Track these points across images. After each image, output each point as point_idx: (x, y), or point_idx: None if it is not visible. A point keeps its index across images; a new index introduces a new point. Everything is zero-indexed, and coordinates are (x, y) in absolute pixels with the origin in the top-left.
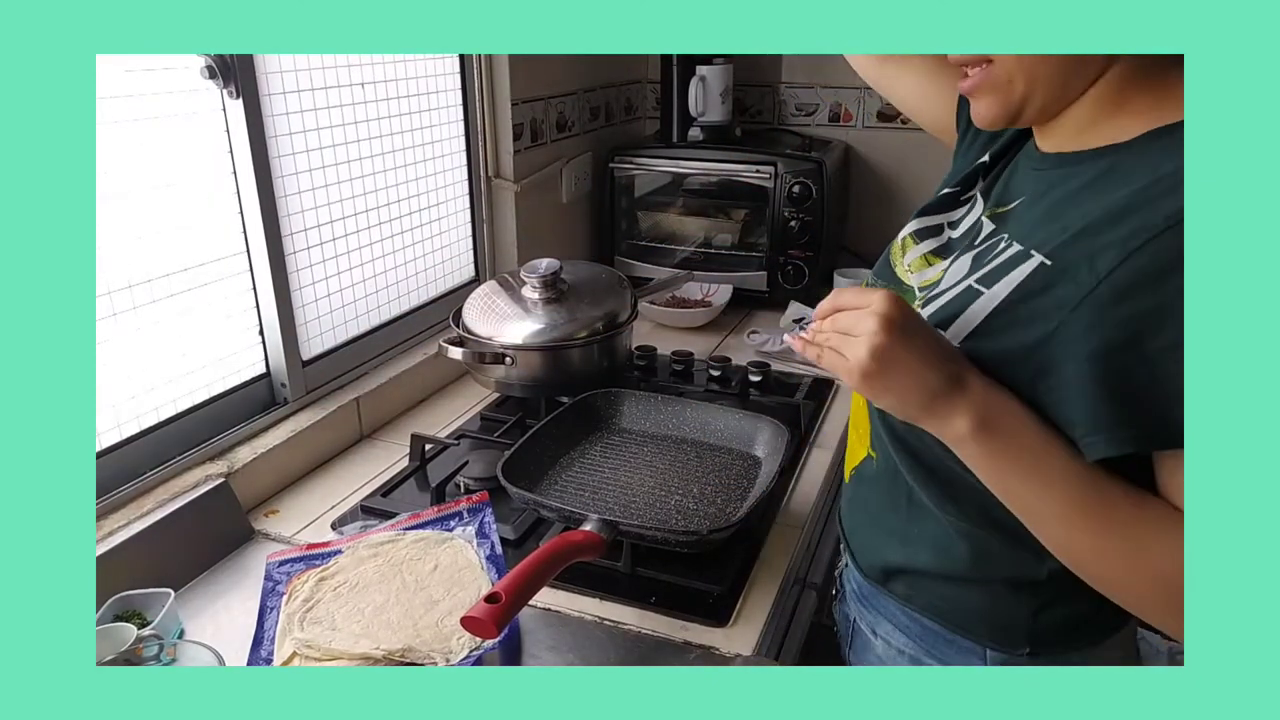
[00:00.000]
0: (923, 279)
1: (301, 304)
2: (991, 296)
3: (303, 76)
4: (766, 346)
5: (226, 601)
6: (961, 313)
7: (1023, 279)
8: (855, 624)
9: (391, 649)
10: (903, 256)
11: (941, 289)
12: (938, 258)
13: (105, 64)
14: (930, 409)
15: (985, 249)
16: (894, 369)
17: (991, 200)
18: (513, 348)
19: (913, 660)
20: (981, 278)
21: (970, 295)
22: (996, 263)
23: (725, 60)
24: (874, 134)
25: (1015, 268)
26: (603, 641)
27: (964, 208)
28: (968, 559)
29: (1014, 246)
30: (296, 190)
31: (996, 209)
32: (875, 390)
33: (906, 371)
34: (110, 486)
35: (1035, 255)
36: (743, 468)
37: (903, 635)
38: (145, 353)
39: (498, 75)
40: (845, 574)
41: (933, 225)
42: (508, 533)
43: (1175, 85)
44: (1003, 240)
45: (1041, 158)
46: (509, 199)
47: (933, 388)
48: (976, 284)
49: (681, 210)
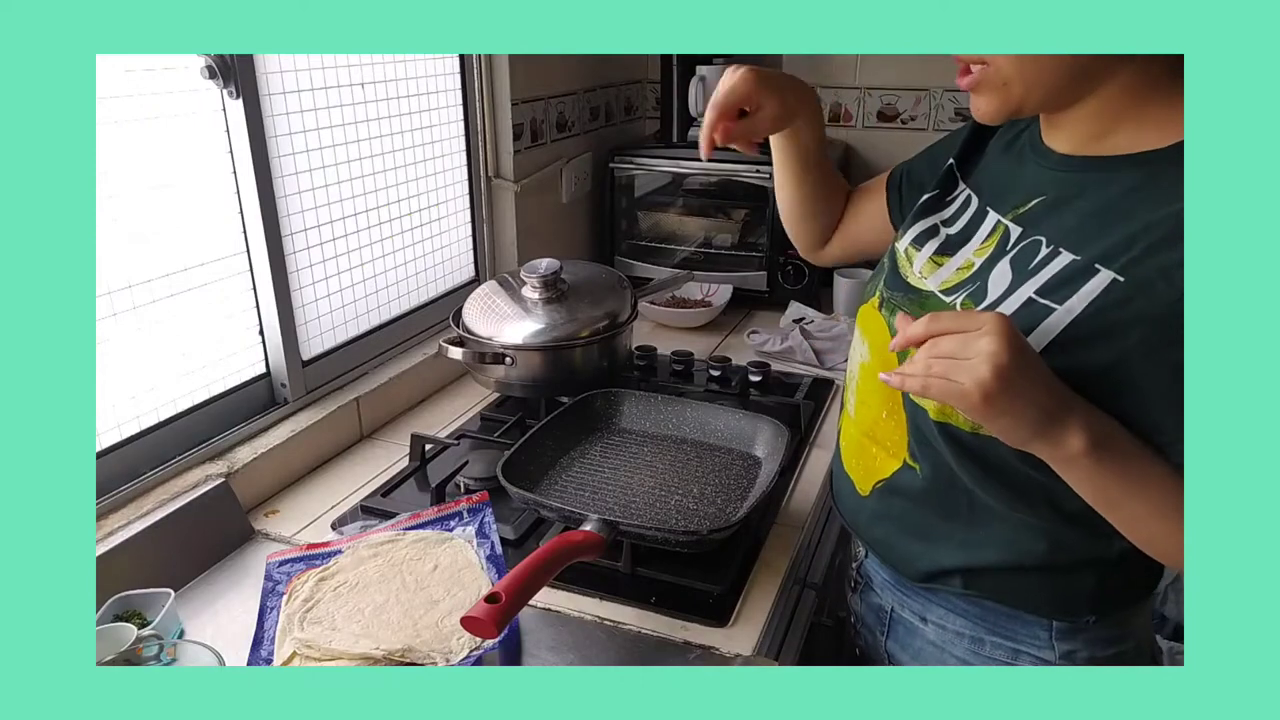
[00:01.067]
0: (940, 281)
1: (301, 304)
2: (1066, 311)
3: (303, 76)
4: (766, 346)
5: (226, 601)
6: (1033, 328)
7: (1097, 295)
8: (894, 613)
9: (391, 649)
10: (911, 265)
11: (991, 299)
12: (944, 256)
13: (105, 64)
14: (1045, 432)
15: (1023, 253)
16: (1014, 391)
17: (994, 198)
18: (513, 348)
19: (973, 640)
20: (1043, 290)
21: (1039, 310)
22: (1052, 272)
23: (725, 60)
24: (874, 134)
25: (1083, 281)
26: (603, 641)
27: (951, 206)
28: (1043, 551)
29: (1064, 254)
30: (296, 190)
31: (1017, 210)
32: (993, 413)
33: (1025, 394)
34: (110, 486)
35: (1104, 270)
36: (743, 468)
37: (960, 618)
38: (145, 353)
39: (498, 75)
40: (867, 566)
41: (928, 228)
42: (508, 533)
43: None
44: (1042, 245)
45: (1062, 159)
46: (509, 199)
47: (1049, 409)
48: (1040, 297)
49: (681, 210)
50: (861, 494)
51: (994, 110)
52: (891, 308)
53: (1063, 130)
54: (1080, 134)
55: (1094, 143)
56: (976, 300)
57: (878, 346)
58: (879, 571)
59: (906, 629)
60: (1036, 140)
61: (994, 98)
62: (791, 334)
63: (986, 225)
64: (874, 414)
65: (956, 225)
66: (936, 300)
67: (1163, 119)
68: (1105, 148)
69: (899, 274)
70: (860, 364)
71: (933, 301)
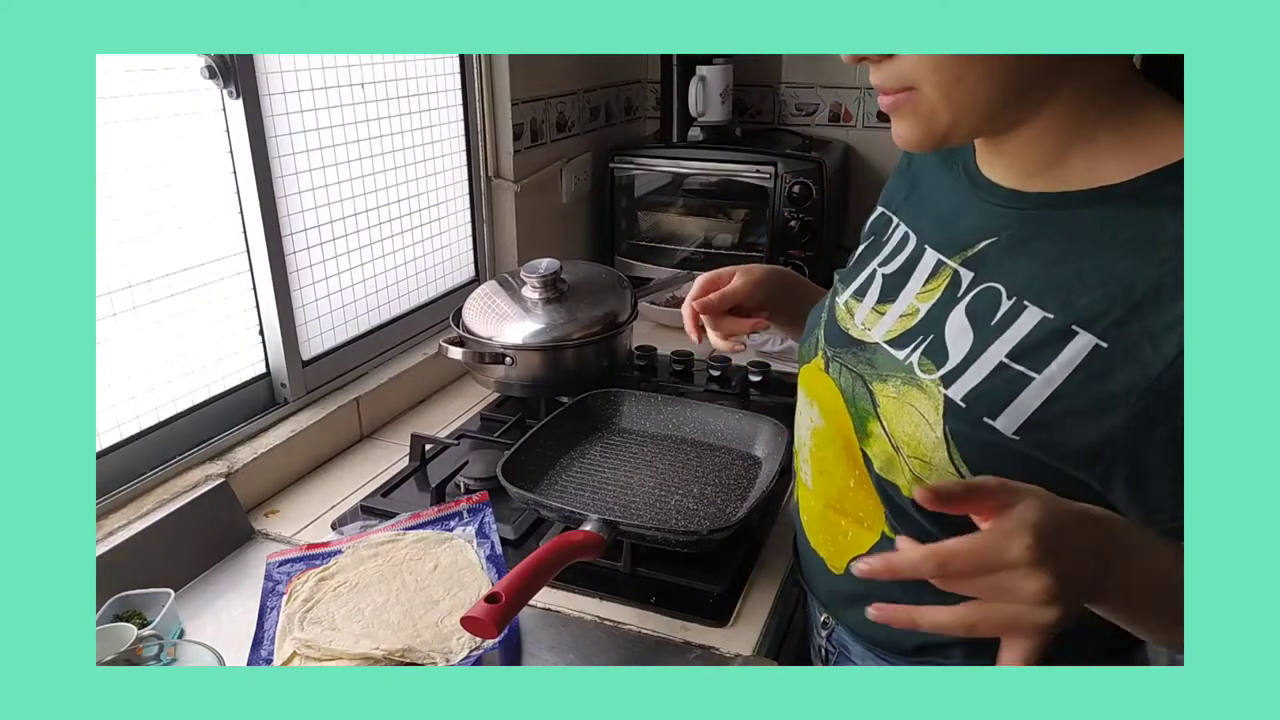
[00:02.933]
0: (885, 331)
1: (301, 304)
2: (1046, 382)
3: (303, 76)
4: (766, 346)
5: (226, 601)
6: (1012, 398)
7: (1079, 362)
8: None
9: (391, 649)
10: (852, 318)
11: (958, 361)
12: (886, 304)
13: (105, 64)
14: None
15: (980, 303)
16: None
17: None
18: (513, 348)
19: None
20: (1016, 353)
21: (1015, 379)
22: (1023, 332)
23: (725, 60)
24: (874, 134)
25: (1060, 345)
26: (603, 641)
27: (887, 247)
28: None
29: (1031, 309)
30: (296, 190)
31: (966, 251)
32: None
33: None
34: (110, 486)
35: (1083, 333)
36: (743, 468)
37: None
38: (145, 353)
39: (498, 75)
40: (840, 635)
41: (865, 277)
42: (508, 533)
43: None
44: (1002, 295)
45: (1012, 195)
46: (509, 199)
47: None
48: (1013, 362)
49: (681, 210)
50: (835, 572)
51: (917, 137)
52: (839, 366)
53: (1003, 158)
54: (1024, 164)
55: (1042, 175)
56: (937, 360)
57: (830, 410)
58: (857, 644)
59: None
60: (973, 170)
61: (917, 124)
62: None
63: (926, 264)
64: (838, 484)
65: (893, 265)
66: (884, 354)
67: (1118, 146)
68: (1058, 182)
69: (839, 327)
70: (812, 429)
71: (880, 356)
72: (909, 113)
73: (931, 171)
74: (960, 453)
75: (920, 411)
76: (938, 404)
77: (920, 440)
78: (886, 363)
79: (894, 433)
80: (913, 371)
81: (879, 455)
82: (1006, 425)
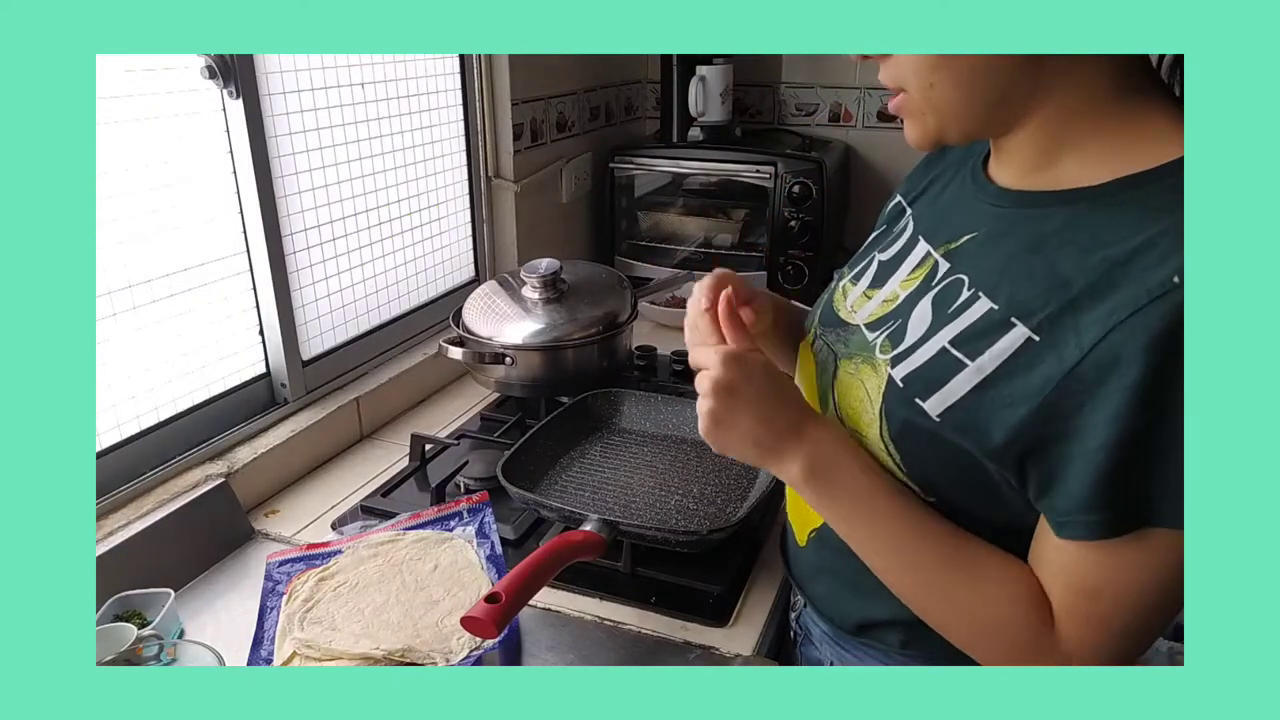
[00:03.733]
0: (868, 315)
1: (301, 304)
2: (977, 370)
3: (303, 76)
4: None
5: (226, 601)
6: (944, 382)
7: (1009, 354)
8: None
9: (391, 649)
10: (845, 300)
11: (910, 343)
12: (875, 289)
13: (105, 64)
14: (763, 460)
15: (945, 292)
16: (726, 428)
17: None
18: (513, 348)
19: None
20: (958, 340)
21: (949, 363)
22: (969, 321)
23: (725, 60)
24: (874, 134)
25: (997, 336)
26: (603, 641)
27: (892, 235)
28: None
29: (982, 300)
30: (296, 190)
31: (949, 244)
32: (714, 444)
33: (737, 430)
34: (110, 486)
35: (1019, 325)
36: (743, 468)
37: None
38: (145, 353)
39: (498, 75)
40: (805, 617)
41: (865, 263)
42: (508, 533)
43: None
44: (964, 285)
45: (999, 193)
46: (509, 199)
47: (764, 443)
48: (953, 348)
49: (681, 210)
50: (799, 544)
51: (915, 137)
52: (823, 344)
53: (1001, 158)
54: (1018, 165)
55: (1035, 174)
56: (895, 341)
57: (808, 385)
58: (818, 624)
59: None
60: (978, 168)
61: (914, 124)
62: None
63: (916, 254)
64: None
65: (890, 251)
66: (861, 335)
67: (1105, 151)
68: (1047, 181)
69: (832, 307)
70: None
71: (857, 337)
72: (907, 113)
73: (950, 169)
74: (890, 430)
75: (866, 389)
76: (881, 382)
77: (860, 415)
78: (859, 343)
79: (840, 405)
80: (873, 351)
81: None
82: (933, 407)
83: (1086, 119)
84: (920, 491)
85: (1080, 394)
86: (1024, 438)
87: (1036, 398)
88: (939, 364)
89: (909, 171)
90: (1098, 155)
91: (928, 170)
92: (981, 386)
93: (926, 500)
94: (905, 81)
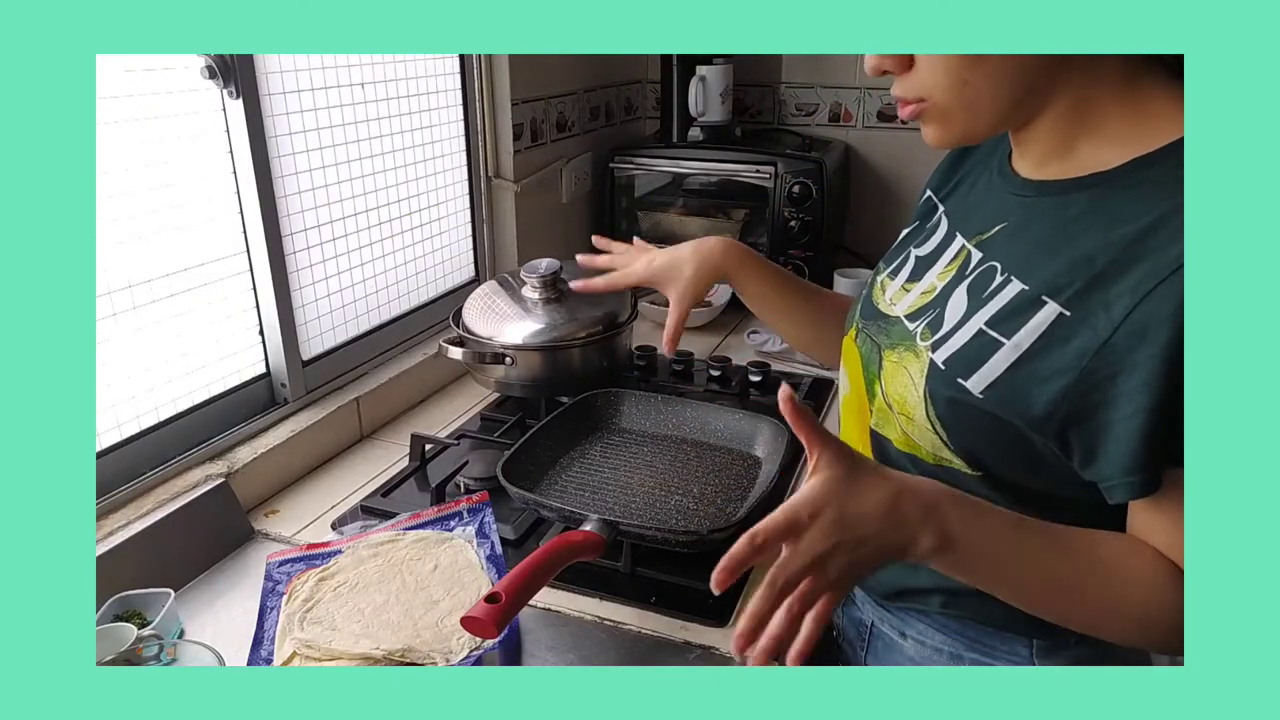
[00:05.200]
0: (907, 307)
1: (301, 304)
2: (1014, 347)
3: (303, 76)
4: (766, 346)
5: (226, 601)
6: (983, 362)
7: (1043, 329)
8: (874, 628)
9: (391, 649)
10: (883, 294)
11: (948, 329)
12: (913, 282)
13: (105, 64)
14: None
15: (979, 280)
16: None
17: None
18: (513, 348)
19: (952, 657)
20: (993, 321)
21: (988, 343)
22: (1002, 303)
23: (725, 60)
24: (874, 134)
25: (1031, 313)
26: (603, 641)
27: (927, 231)
28: None
29: (1014, 283)
30: (296, 190)
31: (981, 235)
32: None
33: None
34: (110, 486)
35: (1050, 302)
36: (743, 468)
37: (939, 634)
38: (145, 353)
39: (498, 75)
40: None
41: (902, 258)
42: (508, 533)
43: (1154, 106)
44: (996, 271)
45: (1023, 183)
46: (509, 199)
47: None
48: (989, 329)
49: (681, 210)
50: None
51: (940, 138)
52: (865, 337)
53: (1026, 148)
54: (1040, 153)
55: (1055, 163)
56: (934, 328)
57: (854, 378)
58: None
59: (886, 644)
60: (1004, 163)
61: (937, 127)
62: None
63: (953, 249)
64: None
65: (927, 247)
66: (902, 326)
67: (1120, 134)
68: (1067, 169)
69: (872, 301)
70: (843, 397)
71: (898, 328)
72: (928, 119)
73: (978, 165)
74: (936, 410)
75: (910, 373)
76: (923, 366)
77: (906, 398)
78: (900, 333)
79: (888, 392)
80: (914, 339)
81: (878, 411)
82: (975, 385)
83: (1100, 104)
84: (967, 465)
85: (1115, 363)
86: (1064, 408)
87: (1075, 370)
88: (977, 344)
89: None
90: (1111, 139)
91: (955, 169)
92: (1019, 362)
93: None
94: (930, 87)
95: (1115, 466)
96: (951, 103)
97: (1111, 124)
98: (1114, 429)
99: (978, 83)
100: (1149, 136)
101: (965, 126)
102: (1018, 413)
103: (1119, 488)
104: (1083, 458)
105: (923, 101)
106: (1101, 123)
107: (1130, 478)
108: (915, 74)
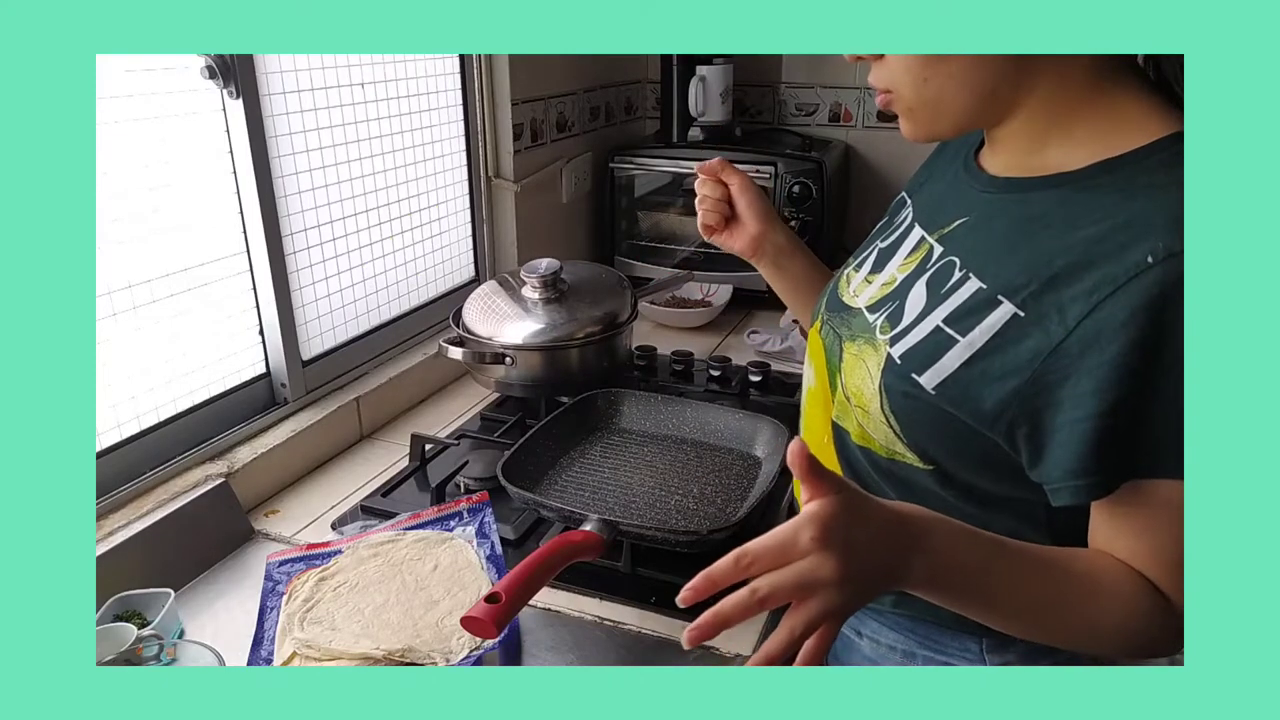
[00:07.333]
0: (868, 299)
1: (301, 304)
2: (967, 345)
3: (303, 76)
4: (766, 346)
5: (226, 601)
6: (937, 358)
7: (998, 329)
8: None
9: (391, 649)
10: (848, 286)
11: (907, 324)
12: (875, 274)
13: (105, 64)
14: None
15: (938, 275)
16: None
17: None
18: (513, 348)
19: (905, 655)
20: (950, 318)
21: (943, 340)
22: (960, 300)
23: (725, 60)
24: (874, 134)
25: (986, 313)
26: (603, 641)
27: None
28: None
29: (972, 280)
30: (296, 190)
31: (942, 229)
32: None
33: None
34: (110, 486)
35: (1005, 302)
36: (743, 468)
37: (893, 632)
38: (145, 353)
39: (498, 75)
40: None
41: (867, 251)
42: (508, 533)
43: (1125, 110)
44: (955, 267)
45: (988, 180)
46: (509, 199)
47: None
48: (946, 326)
49: (681, 210)
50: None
51: (910, 131)
52: (829, 329)
53: (998, 145)
54: (1011, 152)
55: (1026, 161)
56: (893, 322)
57: (818, 369)
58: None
59: (843, 643)
60: (970, 159)
61: (905, 120)
62: (791, 334)
63: (911, 240)
64: (816, 438)
65: (889, 239)
66: (862, 317)
67: (1089, 137)
68: (1034, 167)
69: (837, 293)
70: (807, 389)
71: (859, 319)
72: (899, 110)
73: (947, 160)
74: (890, 404)
75: (867, 366)
76: (881, 360)
77: (863, 391)
78: (861, 325)
79: (847, 384)
80: (874, 332)
81: (838, 404)
82: (928, 381)
83: (1071, 106)
84: (919, 460)
85: (1066, 368)
86: (1014, 408)
87: (1026, 371)
88: (933, 341)
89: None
90: (1079, 140)
91: (928, 166)
92: (972, 360)
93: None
94: (895, 81)
95: (1060, 469)
96: (913, 99)
97: (1082, 127)
98: (1060, 433)
99: (938, 82)
100: (1117, 140)
101: (929, 123)
102: (969, 410)
103: (1062, 491)
104: (1030, 458)
105: (889, 93)
106: (1073, 125)
107: (1073, 481)
108: (885, 65)
